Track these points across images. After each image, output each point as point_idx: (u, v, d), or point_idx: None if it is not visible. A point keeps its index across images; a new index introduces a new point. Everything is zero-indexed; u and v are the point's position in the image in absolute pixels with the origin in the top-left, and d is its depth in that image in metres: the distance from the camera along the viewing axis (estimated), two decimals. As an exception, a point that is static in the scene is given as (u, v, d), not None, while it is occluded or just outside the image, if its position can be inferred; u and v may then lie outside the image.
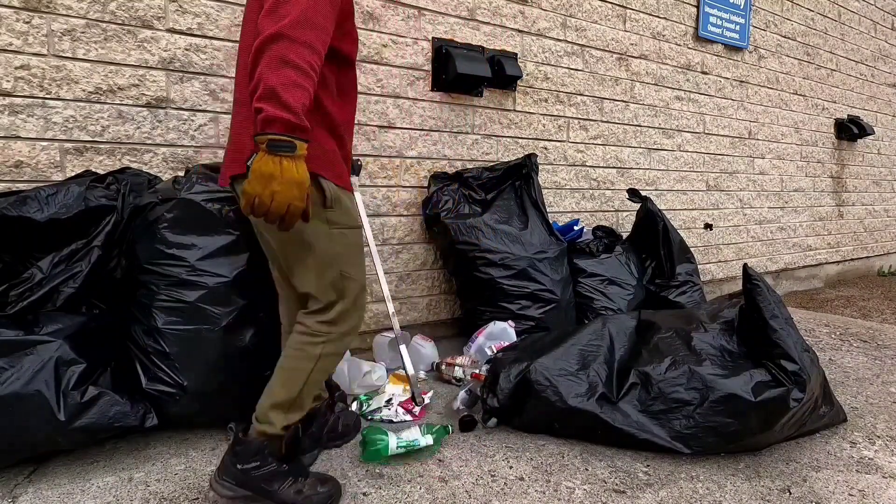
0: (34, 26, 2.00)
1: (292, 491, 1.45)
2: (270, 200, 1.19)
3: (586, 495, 1.63)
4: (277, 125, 1.17)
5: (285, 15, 1.21)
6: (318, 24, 1.25)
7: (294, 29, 1.20)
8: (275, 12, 1.22)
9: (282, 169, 1.18)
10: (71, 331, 1.71)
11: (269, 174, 1.17)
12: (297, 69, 1.19)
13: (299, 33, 1.21)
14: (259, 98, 1.18)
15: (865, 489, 1.69)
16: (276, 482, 1.44)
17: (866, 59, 5.60)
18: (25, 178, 2.03)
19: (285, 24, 1.20)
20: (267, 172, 1.17)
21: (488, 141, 3.14)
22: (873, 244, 6.02)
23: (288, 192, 1.19)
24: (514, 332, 2.59)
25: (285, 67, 1.18)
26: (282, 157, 1.18)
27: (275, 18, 1.21)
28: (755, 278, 2.00)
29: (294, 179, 1.19)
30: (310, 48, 1.22)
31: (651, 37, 3.81)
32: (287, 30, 1.19)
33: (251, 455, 1.43)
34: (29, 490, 1.59)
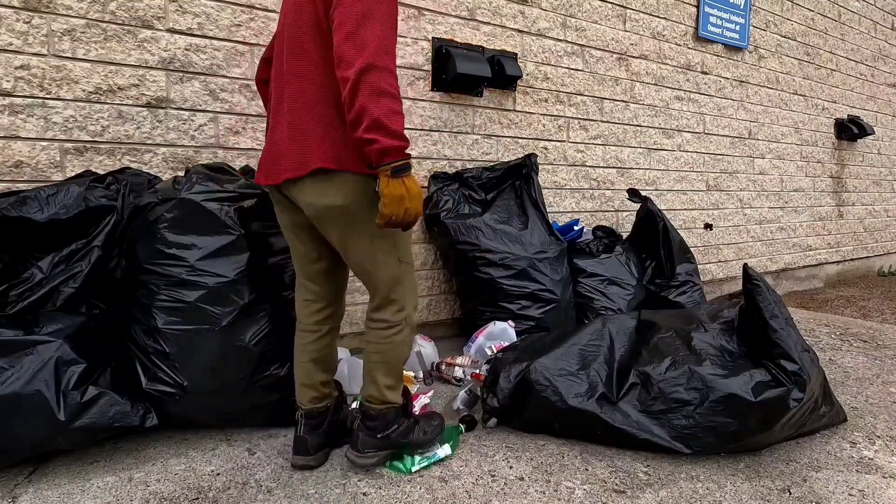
0: (34, 26, 2.00)
1: (420, 433, 1.78)
2: (403, 215, 1.41)
3: (586, 495, 1.63)
4: (394, 153, 1.36)
5: (367, 42, 1.34)
6: (391, 49, 1.40)
7: (380, 57, 1.34)
8: (354, 38, 1.34)
9: (407, 188, 1.39)
10: (71, 331, 1.71)
11: (401, 196, 1.38)
12: (391, 97, 1.35)
13: (384, 61, 1.35)
14: (368, 130, 1.34)
15: (865, 489, 1.69)
16: (410, 433, 1.76)
17: (866, 59, 5.60)
18: (25, 178, 2.03)
19: (371, 54, 1.33)
20: (399, 195, 1.38)
21: (488, 141, 3.14)
22: (873, 244, 6.02)
23: (416, 204, 1.42)
24: (514, 332, 2.59)
25: (383, 97, 1.33)
26: (403, 178, 1.39)
27: (356, 46, 1.34)
28: (755, 278, 2.00)
29: (417, 192, 1.42)
30: (391, 73, 1.37)
31: (651, 37, 3.81)
32: (375, 59, 1.33)
33: (390, 423, 1.71)
34: (29, 490, 1.59)
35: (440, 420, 1.86)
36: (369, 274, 1.63)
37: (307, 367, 1.75)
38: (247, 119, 2.43)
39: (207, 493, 1.60)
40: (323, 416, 1.77)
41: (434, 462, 1.79)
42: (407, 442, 1.75)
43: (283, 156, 1.53)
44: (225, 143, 2.39)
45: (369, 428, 1.71)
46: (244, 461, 1.77)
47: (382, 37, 1.36)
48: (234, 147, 2.42)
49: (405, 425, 1.75)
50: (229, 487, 1.63)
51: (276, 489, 1.62)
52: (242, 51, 2.40)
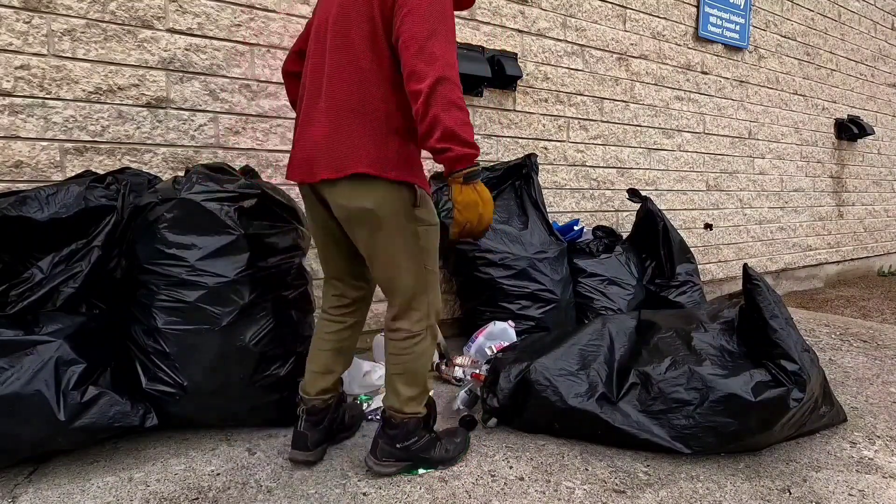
0: (34, 26, 2.00)
1: (442, 451, 1.75)
2: (478, 221, 1.45)
3: (586, 495, 1.63)
4: (466, 161, 1.40)
5: (436, 57, 1.39)
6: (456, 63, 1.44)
7: (449, 70, 1.40)
8: (423, 53, 1.39)
9: (479, 193, 1.44)
10: (71, 331, 1.71)
11: (475, 202, 1.43)
12: (461, 109, 1.40)
13: (452, 73, 1.40)
14: (442, 139, 1.38)
15: (865, 489, 1.69)
16: (431, 448, 1.73)
17: (866, 59, 5.60)
18: (25, 178, 2.03)
19: (441, 68, 1.38)
20: (473, 201, 1.43)
21: (488, 141, 3.14)
22: (873, 244, 6.02)
23: (489, 210, 1.46)
24: (514, 331, 2.59)
25: (454, 109, 1.39)
26: (475, 185, 1.43)
27: (426, 59, 1.38)
28: (755, 278, 2.00)
29: (489, 198, 1.46)
30: (459, 86, 1.42)
31: (651, 37, 3.81)
32: (445, 72, 1.38)
33: (410, 433, 1.68)
34: (29, 490, 1.59)
35: (463, 437, 1.84)
36: (392, 280, 1.61)
37: (326, 356, 1.76)
38: (247, 119, 2.43)
39: (207, 493, 1.60)
40: (325, 412, 1.77)
41: None
42: (427, 457, 1.72)
43: (322, 155, 1.53)
44: (225, 143, 2.39)
45: (389, 437, 1.68)
46: (244, 461, 1.77)
47: (448, 52, 1.41)
48: (234, 147, 2.42)
49: (426, 439, 1.72)
50: (229, 487, 1.63)
51: (276, 489, 1.62)
52: (242, 51, 2.40)
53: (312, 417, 1.75)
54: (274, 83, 2.48)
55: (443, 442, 1.76)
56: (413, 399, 1.68)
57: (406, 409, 1.67)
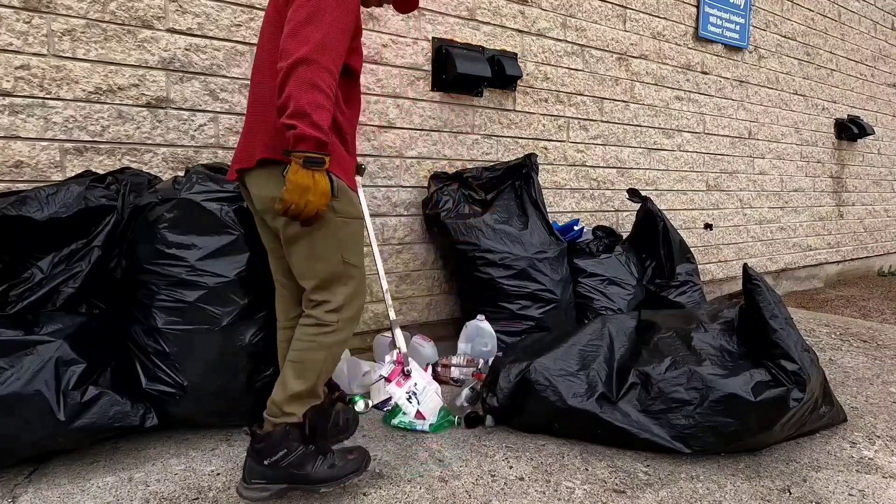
0: (34, 26, 2.00)
1: (325, 467, 1.51)
2: (304, 207, 1.38)
3: (586, 495, 1.63)
4: (310, 143, 1.35)
5: (308, 39, 1.36)
6: (336, 49, 1.41)
7: (318, 53, 1.36)
8: (297, 35, 1.37)
9: (314, 182, 1.37)
10: (71, 331, 1.71)
11: (306, 186, 1.36)
12: (321, 92, 1.36)
13: (323, 59, 1.37)
14: (290, 116, 1.34)
15: (865, 489, 1.69)
16: (308, 464, 1.49)
17: (866, 59, 5.60)
18: (25, 178, 2.03)
19: (310, 49, 1.35)
20: (304, 185, 1.36)
21: (488, 141, 3.14)
22: (873, 244, 6.02)
23: (319, 200, 1.39)
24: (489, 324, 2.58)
25: (313, 91, 1.34)
26: (314, 171, 1.37)
27: (299, 41, 1.36)
28: (755, 278, 2.00)
29: (324, 190, 1.40)
30: (329, 72, 1.39)
31: (651, 37, 3.81)
32: (312, 54, 1.35)
33: (276, 446, 1.48)
34: (29, 490, 1.59)
35: (361, 454, 1.59)
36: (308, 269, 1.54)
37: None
38: (247, 119, 2.43)
39: (207, 493, 1.60)
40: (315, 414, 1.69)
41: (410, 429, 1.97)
42: (303, 474, 1.48)
43: (239, 149, 1.57)
44: (225, 143, 2.39)
45: (256, 451, 1.48)
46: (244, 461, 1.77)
47: (326, 36, 1.38)
48: (234, 147, 2.42)
49: (299, 453, 1.49)
50: (229, 487, 1.63)
51: (276, 489, 1.62)
52: (242, 51, 2.40)
53: None
54: (274, 83, 2.48)
55: (328, 458, 1.53)
56: (297, 397, 1.52)
57: (285, 407, 1.51)
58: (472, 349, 2.53)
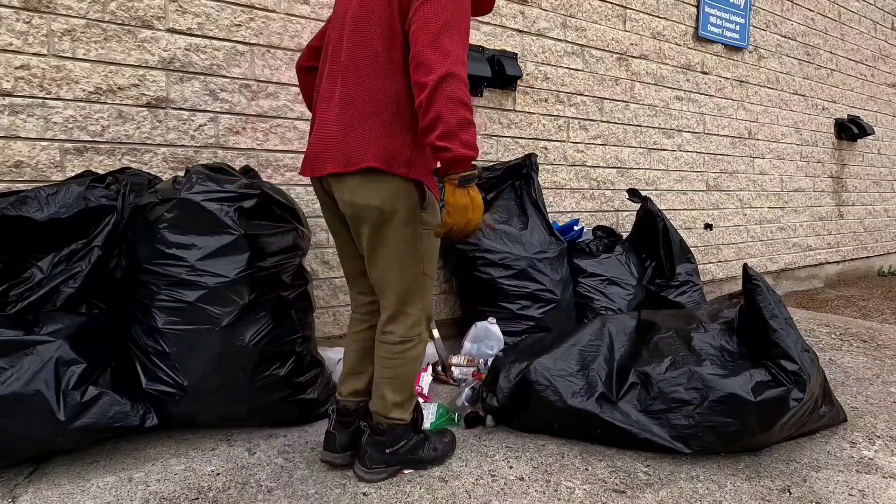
0: (34, 26, 2.00)
1: (431, 450, 1.75)
2: (465, 225, 1.41)
3: (586, 495, 1.63)
4: (463, 164, 1.36)
5: (448, 51, 1.34)
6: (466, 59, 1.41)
7: (460, 67, 1.35)
8: (438, 45, 1.34)
9: (472, 198, 1.40)
10: (71, 331, 1.71)
11: (465, 206, 1.39)
12: (466, 107, 1.35)
13: (463, 71, 1.36)
14: (441, 137, 1.33)
15: (865, 489, 1.69)
16: (419, 449, 1.73)
17: (866, 59, 5.60)
18: (25, 178, 2.03)
19: (453, 63, 1.34)
20: (464, 205, 1.39)
21: (488, 141, 3.14)
22: (873, 244, 6.02)
23: (479, 216, 1.43)
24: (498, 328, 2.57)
25: (459, 107, 1.33)
26: (469, 189, 1.39)
27: (440, 54, 1.34)
28: (755, 278, 2.00)
29: (480, 204, 1.43)
30: (467, 85, 1.37)
31: (651, 37, 3.81)
32: (455, 68, 1.34)
33: (399, 439, 1.67)
34: (29, 490, 1.59)
35: (451, 437, 1.85)
36: (388, 281, 1.57)
37: (354, 356, 1.76)
38: (247, 119, 2.43)
39: (207, 493, 1.60)
40: (355, 413, 1.74)
41: None
42: (416, 458, 1.71)
43: (332, 149, 1.50)
44: (225, 143, 2.39)
45: (378, 443, 1.66)
46: (244, 461, 1.77)
47: (459, 47, 1.37)
48: (234, 147, 2.42)
49: (414, 441, 1.71)
50: (229, 487, 1.63)
51: (276, 489, 1.62)
52: (242, 51, 2.40)
53: (343, 418, 1.71)
54: (274, 83, 2.48)
55: (431, 441, 1.76)
56: (399, 405, 1.65)
57: (391, 414, 1.64)
58: (478, 350, 2.53)
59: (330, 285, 2.70)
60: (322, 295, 2.69)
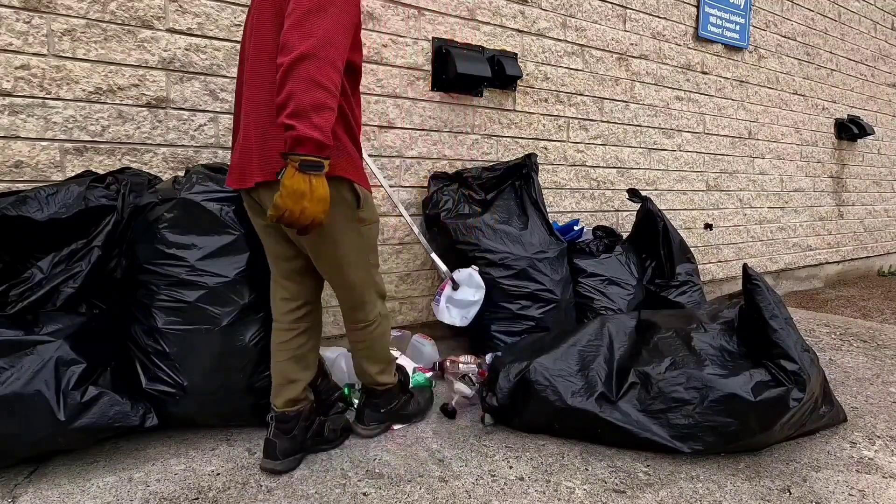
0: (34, 26, 2.00)
1: (415, 405, 2.03)
2: (300, 214, 1.30)
3: (586, 495, 1.63)
4: (309, 146, 1.26)
5: (311, 32, 1.27)
6: (340, 43, 1.33)
7: (322, 48, 1.27)
8: (300, 27, 1.28)
9: (311, 187, 1.29)
10: (71, 331, 1.71)
11: (301, 192, 1.28)
12: (325, 90, 1.27)
13: (328, 52, 1.28)
14: (290, 116, 1.25)
15: (865, 489, 1.69)
16: (407, 406, 1.99)
17: (866, 59, 5.60)
18: (25, 178, 2.03)
19: (313, 44, 1.26)
20: (299, 191, 1.28)
21: (488, 141, 3.14)
22: (873, 244, 6.02)
23: (316, 207, 1.31)
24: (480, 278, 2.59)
25: (315, 88, 1.26)
26: (311, 176, 1.29)
27: (301, 34, 1.27)
28: (755, 278, 2.00)
29: (322, 196, 1.32)
30: (334, 67, 1.30)
31: (651, 37, 3.81)
32: (316, 49, 1.26)
33: (392, 399, 1.93)
34: (29, 490, 1.59)
35: (430, 394, 2.16)
36: (342, 277, 1.61)
37: (285, 365, 1.73)
38: (247, 119, 2.43)
39: (207, 493, 1.60)
40: (294, 420, 1.72)
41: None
42: (406, 413, 1.98)
43: (255, 159, 1.50)
44: (225, 143, 2.39)
45: (374, 405, 1.90)
46: (244, 461, 1.77)
47: (330, 29, 1.30)
48: (234, 147, 2.42)
49: (403, 400, 1.97)
50: (229, 487, 1.63)
51: (276, 489, 1.62)
52: (242, 51, 2.40)
53: (282, 425, 1.70)
54: (274, 83, 2.48)
55: (416, 397, 2.03)
56: (381, 372, 1.87)
57: (378, 380, 1.86)
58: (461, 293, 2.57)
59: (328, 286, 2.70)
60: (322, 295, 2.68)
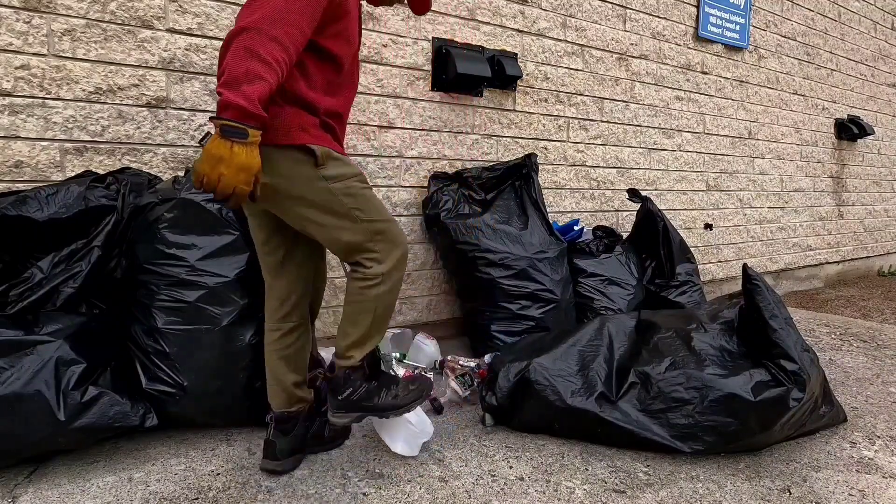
0: (34, 26, 2.00)
1: (389, 398, 1.67)
2: (217, 181, 1.27)
3: (586, 495, 1.63)
4: (232, 111, 1.25)
5: (258, 9, 1.31)
6: (290, 21, 1.32)
7: (263, 23, 1.28)
8: (251, 5, 1.33)
9: (231, 154, 1.26)
10: (71, 331, 1.71)
11: (219, 157, 1.26)
12: (261, 61, 1.27)
13: (268, 28, 1.29)
14: (222, 84, 1.26)
15: (865, 489, 1.69)
16: (374, 397, 1.66)
17: (866, 59, 5.60)
18: (25, 178, 2.03)
19: (256, 18, 1.29)
20: (217, 155, 1.26)
21: (488, 141, 3.14)
22: (873, 244, 6.02)
23: (234, 175, 1.27)
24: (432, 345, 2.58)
25: (250, 59, 1.26)
26: (233, 143, 1.26)
27: (248, 11, 1.32)
28: (755, 278, 2.00)
29: (242, 164, 1.27)
30: (276, 42, 1.29)
31: (651, 37, 3.81)
32: (256, 23, 1.28)
33: (341, 386, 1.64)
34: (29, 490, 1.59)
35: (422, 382, 1.75)
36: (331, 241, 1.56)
37: (275, 365, 1.71)
38: (247, 119, 2.43)
39: (207, 493, 1.60)
40: (293, 420, 1.72)
41: None
42: (371, 405, 1.66)
43: None
44: (225, 143, 2.39)
45: (332, 390, 1.67)
46: (244, 461, 1.77)
47: (280, 8, 1.30)
48: (234, 147, 2.42)
49: (363, 389, 1.66)
50: (229, 487, 1.63)
51: (276, 489, 1.63)
52: (242, 51, 2.40)
53: (281, 426, 1.70)
54: (274, 83, 2.48)
55: (392, 390, 1.69)
56: (354, 344, 1.62)
57: (346, 353, 1.63)
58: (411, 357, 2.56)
59: (330, 285, 2.70)
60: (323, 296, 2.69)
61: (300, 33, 1.36)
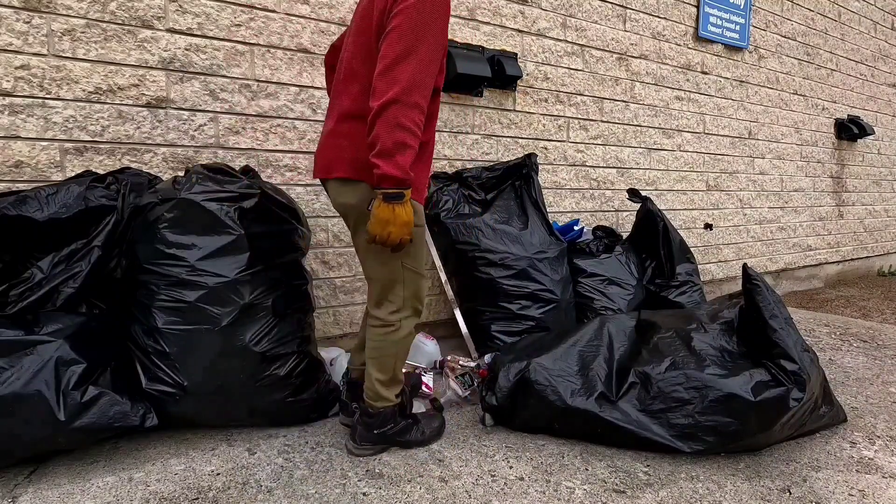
0: (34, 26, 2.00)
1: (418, 434, 1.88)
2: (387, 237, 1.53)
3: (586, 495, 1.63)
4: (389, 181, 1.48)
5: (398, 79, 1.46)
6: (425, 84, 1.50)
7: (407, 94, 1.46)
8: (388, 74, 1.47)
9: (394, 215, 1.51)
10: (71, 331, 1.71)
11: (387, 219, 1.51)
12: (407, 131, 1.47)
13: (410, 97, 1.47)
14: (376, 156, 1.47)
15: (865, 489, 1.69)
16: (407, 433, 1.86)
17: (866, 59, 5.60)
18: (25, 178, 2.03)
19: (400, 90, 1.45)
20: (384, 218, 1.51)
21: (488, 141, 3.14)
22: (873, 244, 6.02)
23: (400, 231, 1.53)
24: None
25: (399, 131, 1.46)
26: (394, 205, 1.51)
27: (388, 81, 1.46)
28: (755, 278, 2.00)
29: (404, 221, 1.53)
30: (418, 108, 1.49)
31: (651, 37, 3.81)
32: (402, 96, 1.45)
33: (386, 421, 1.82)
34: (29, 490, 1.59)
35: (441, 422, 1.96)
36: (370, 270, 1.75)
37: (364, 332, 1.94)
38: (247, 119, 2.43)
39: (207, 493, 1.60)
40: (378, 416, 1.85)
41: None
42: (403, 441, 1.85)
43: (322, 155, 1.72)
44: (225, 143, 2.39)
45: (366, 424, 1.82)
46: (244, 461, 1.77)
47: (416, 73, 1.47)
48: (234, 147, 2.42)
49: (402, 425, 1.85)
50: (229, 487, 1.63)
51: (276, 489, 1.63)
52: (242, 51, 2.40)
53: (354, 388, 1.93)
54: (273, 83, 2.48)
55: (420, 425, 1.90)
56: (384, 385, 1.80)
57: (379, 392, 1.80)
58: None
59: (330, 285, 2.70)
60: (322, 295, 2.69)
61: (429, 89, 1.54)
